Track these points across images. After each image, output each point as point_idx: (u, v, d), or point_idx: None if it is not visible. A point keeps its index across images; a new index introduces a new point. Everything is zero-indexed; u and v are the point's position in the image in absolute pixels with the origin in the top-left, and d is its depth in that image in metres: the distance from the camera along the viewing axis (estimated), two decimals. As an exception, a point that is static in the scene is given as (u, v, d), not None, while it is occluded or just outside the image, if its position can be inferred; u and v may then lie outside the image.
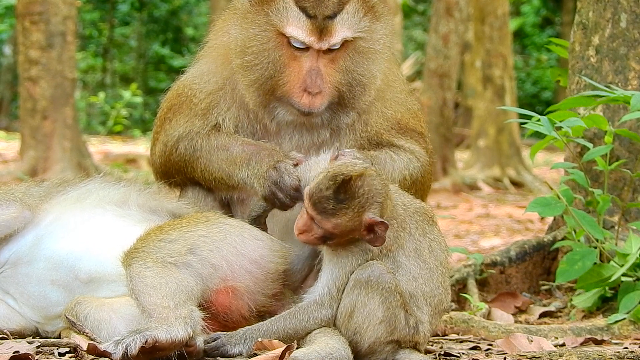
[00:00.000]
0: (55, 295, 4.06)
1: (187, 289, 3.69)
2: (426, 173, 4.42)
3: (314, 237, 3.76)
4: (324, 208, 3.69)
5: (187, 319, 3.59)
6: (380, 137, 4.35)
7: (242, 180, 4.22)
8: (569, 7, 29.65)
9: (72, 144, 14.76)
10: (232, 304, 3.86)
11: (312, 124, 4.26)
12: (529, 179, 18.49)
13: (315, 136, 4.31)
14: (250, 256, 3.89)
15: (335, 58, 4.18)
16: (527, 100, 31.36)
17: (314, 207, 3.71)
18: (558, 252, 5.52)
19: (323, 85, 4.14)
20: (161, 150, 4.43)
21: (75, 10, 15.51)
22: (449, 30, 17.91)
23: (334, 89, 4.19)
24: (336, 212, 3.69)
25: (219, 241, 3.86)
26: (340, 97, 4.23)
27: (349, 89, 4.21)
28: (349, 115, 4.28)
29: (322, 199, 3.69)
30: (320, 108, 4.17)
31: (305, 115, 4.19)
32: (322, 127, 4.28)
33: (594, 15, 5.56)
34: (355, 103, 4.26)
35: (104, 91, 28.19)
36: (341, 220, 3.70)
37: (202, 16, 32.02)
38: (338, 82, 4.18)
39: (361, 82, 4.23)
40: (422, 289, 3.81)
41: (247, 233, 3.94)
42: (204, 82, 4.40)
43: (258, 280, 3.89)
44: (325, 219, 3.71)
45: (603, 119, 5.08)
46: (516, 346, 4.27)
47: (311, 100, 4.14)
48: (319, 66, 4.14)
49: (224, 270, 3.82)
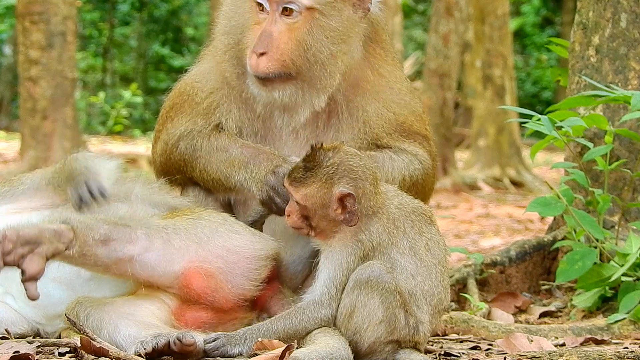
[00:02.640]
0: (57, 293, 4.06)
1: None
2: (428, 176, 4.38)
3: (297, 218, 3.81)
4: (294, 177, 3.79)
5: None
6: (382, 139, 4.33)
7: (238, 182, 4.22)
8: (569, 7, 29.64)
9: (72, 144, 14.77)
10: (209, 285, 3.91)
11: (286, 105, 4.22)
12: (529, 178, 18.50)
13: (313, 127, 4.29)
14: (221, 243, 3.95)
15: (294, 27, 4.14)
16: (527, 100, 31.35)
17: (288, 178, 3.81)
18: (558, 252, 5.52)
19: (269, 47, 4.11)
20: (162, 149, 4.43)
21: (75, 10, 15.52)
22: (449, 30, 17.91)
23: (286, 58, 4.13)
24: (305, 181, 3.77)
25: (191, 227, 3.95)
26: (298, 73, 4.17)
27: (305, 64, 4.16)
28: (320, 97, 4.22)
29: (294, 169, 3.81)
30: (266, 71, 4.12)
31: (262, 84, 4.16)
32: (302, 107, 4.22)
33: (594, 15, 5.56)
34: (317, 83, 4.20)
35: (104, 91, 28.22)
36: (309, 191, 3.76)
37: (202, 16, 32.01)
38: (291, 51, 4.13)
39: (318, 59, 4.16)
40: (422, 288, 3.81)
41: (225, 227, 4.00)
42: (205, 80, 4.40)
43: (230, 262, 3.94)
44: (296, 189, 3.78)
45: (603, 118, 5.08)
46: (516, 346, 4.27)
47: (257, 61, 4.13)
48: (272, 30, 4.13)
49: (191, 252, 3.89)
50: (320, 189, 3.76)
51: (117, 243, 3.83)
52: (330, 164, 3.77)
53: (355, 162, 3.80)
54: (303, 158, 3.82)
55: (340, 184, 3.76)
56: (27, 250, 3.63)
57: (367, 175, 3.80)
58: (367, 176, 3.80)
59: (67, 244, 3.73)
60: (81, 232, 3.76)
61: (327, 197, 3.76)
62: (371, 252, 3.80)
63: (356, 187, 3.77)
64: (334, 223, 3.80)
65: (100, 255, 3.81)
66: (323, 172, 3.76)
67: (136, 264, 3.85)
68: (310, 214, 3.80)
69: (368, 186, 3.79)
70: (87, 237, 3.76)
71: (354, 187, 3.76)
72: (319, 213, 3.79)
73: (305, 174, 3.77)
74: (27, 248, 3.64)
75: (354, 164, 3.79)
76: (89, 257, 3.79)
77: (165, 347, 3.66)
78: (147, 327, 3.78)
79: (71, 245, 3.73)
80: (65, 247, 3.72)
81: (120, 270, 3.86)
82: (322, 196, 3.76)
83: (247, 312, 4.01)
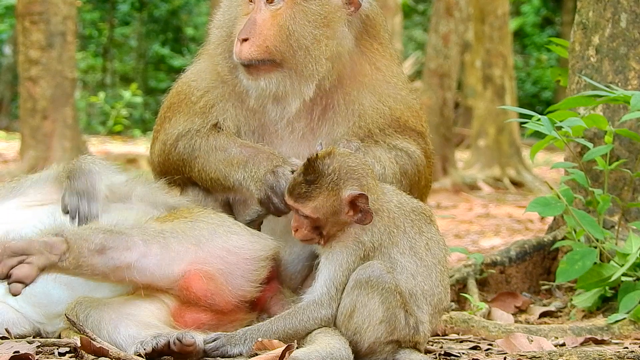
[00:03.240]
0: (57, 293, 4.06)
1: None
2: (420, 172, 4.36)
3: (307, 231, 3.79)
4: (299, 194, 3.75)
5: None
6: (376, 134, 4.32)
7: (237, 182, 4.21)
8: (569, 7, 29.64)
9: (72, 143, 14.78)
10: (209, 287, 3.90)
11: (275, 95, 4.23)
12: (529, 178, 18.49)
13: (308, 120, 4.29)
14: (220, 245, 3.94)
15: (278, 14, 4.18)
16: (527, 100, 31.34)
17: (290, 196, 3.78)
18: (558, 252, 5.52)
19: (252, 33, 4.16)
20: (160, 149, 4.43)
21: (75, 10, 15.51)
22: (449, 30, 17.90)
23: (269, 43, 4.17)
24: (310, 194, 3.74)
25: (189, 230, 3.94)
26: (283, 60, 4.19)
27: (289, 50, 4.18)
28: (308, 85, 4.22)
29: (295, 185, 3.76)
30: (249, 57, 4.15)
31: (248, 72, 4.19)
32: (293, 100, 4.23)
33: (594, 15, 5.56)
34: (304, 70, 4.21)
35: (104, 91, 28.22)
36: (318, 202, 3.74)
37: (202, 16, 32.00)
38: (274, 37, 4.16)
39: (302, 44, 4.18)
40: (422, 287, 3.81)
41: (223, 228, 4.00)
42: (200, 79, 4.41)
43: (230, 263, 3.93)
44: (303, 204, 3.75)
45: (603, 118, 5.08)
46: (516, 346, 4.27)
47: (240, 47, 4.17)
48: (256, 17, 4.18)
49: (189, 254, 3.88)
50: (329, 197, 3.75)
51: (114, 251, 3.81)
52: (332, 170, 3.75)
53: (353, 162, 3.80)
54: (301, 172, 3.78)
55: (347, 187, 3.75)
56: (16, 261, 3.61)
57: (366, 171, 3.81)
58: (366, 172, 3.81)
59: (60, 255, 3.70)
60: (75, 243, 3.74)
61: (337, 204, 3.75)
62: (372, 252, 3.80)
63: (362, 185, 3.77)
64: (345, 225, 3.80)
65: (97, 264, 3.79)
66: (327, 181, 3.75)
67: (134, 270, 3.84)
68: (322, 224, 3.78)
69: (370, 180, 3.81)
70: (82, 248, 3.75)
71: (360, 186, 3.77)
72: (331, 220, 3.78)
73: (309, 187, 3.75)
74: (16, 259, 3.62)
75: (352, 164, 3.80)
76: (86, 268, 3.78)
77: (165, 347, 3.66)
78: (147, 327, 3.78)
79: (64, 257, 3.71)
80: (58, 259, 3.70)
81: (119, 277, 3.85)
82: (332, 204, 3.75)
83: (247, 313, 4.01)
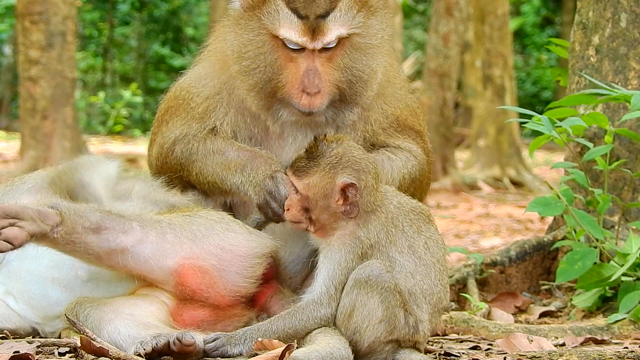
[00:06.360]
0: (56, 295, 4.06)
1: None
2: (424, 172, 4.41)
3: (296, 211, 3.82)
4: (297, 167, 3.81)
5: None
6: (378, 136, 4.35)
7: (234, 185, 4.22)
8: (569, 7, 29.64)
9: (72, 143, 14.77)
10: (203, 282, 3.91)
11: (315, 122, 4.26)
12: (529, 178, 18.48)
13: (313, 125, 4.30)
14: (216, 241, 3.94)
15: (333, 56, 4.17)
16: (527, 100, 31.35)
17: (291, 168, 3.83)
18: (558, 251, 5.52)
19: (321, 85, 4.13)
20: (158, 152, 4.44)
21: (75, 10, 15.51)
22: (449, 30, 17.90)
23: (333, 87, 4.18)
24: (307, 170, 3.78)
25: (187, 224, 3.94)
26: (341, 95, 4.22)
27: (349, 86, 4.21)
28: (353, 111, 4.27)
29: (297, 159, 3.83)
30: (320, 107, 4.17)
31: (307, 116, 4.19)
32: (326, 126, 4.28)
33: (594, 15, 5.56)
34: (357, 99, 4.25)
35: (104, 91, 28.23)
36: (312, 180, 3.77)
37: (202, 16, 32.02)
38: (337, 80, 4.18)
39: (361, 78, 4.22)
40: (421, 286, 3.81)
41: (221, 225, 4.00)
42: (201, 85, 4.40)
43: (224, 260, 3.93)
44: (299, 178, 3.80)
45: (603, 117, 5.08)
46: (516, 346, 4.27)
47: (310, 100, 4.14)
48: (316, 66, 4.13)
49: (185, 249, 3.88)
50: (323, 178, 3.77)
51: (110, 233, 3.81)
52: (334, 154, 3.79)
53: (358, 155, 3.82)
54: (306, 149, 3.84)
55: (344, 174, 3.77)
56: (7, 223, 3.60)
57: (369, 169, 3.82)
58: (369, 169, 3.82)
59: (52, 226, 3.69)
60: (69, 218, 3.73)
61: (329, 187, 3.77)
62: (370, 250, 3.80)
63: (359, 178, 3.78)
64: (334, 216, 3.80)
65: (91, 243, 3.78)
66: (326, 162, 3.78)
67: (129, 255, 3.83)
68: (311, 205, 3.80)
69: (370, 179, 3.81)
70: (76, 224, 3.74)
71: (356, 178, 3.78)
72: (320, 204, 3.79)
73: (309, 163, 3.79)
74: (7, 221, 3.61)
75: (357, 155, 3.82)
76: (79, 245, 3.76)
77: (164, 347, 3.66)
78: (147, 327, 3.78)
79: (56, 229, 3.70)
80: (50, 229, 3.68)
81: (113, 261, 3.84)
82: (325, 186, 3.77)
83: (245, 309, 4.01)
